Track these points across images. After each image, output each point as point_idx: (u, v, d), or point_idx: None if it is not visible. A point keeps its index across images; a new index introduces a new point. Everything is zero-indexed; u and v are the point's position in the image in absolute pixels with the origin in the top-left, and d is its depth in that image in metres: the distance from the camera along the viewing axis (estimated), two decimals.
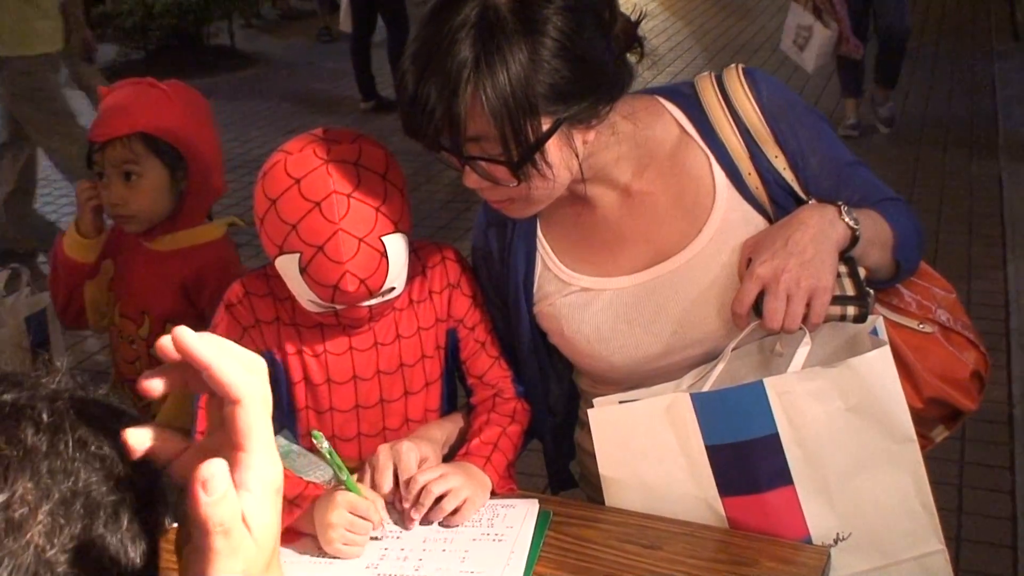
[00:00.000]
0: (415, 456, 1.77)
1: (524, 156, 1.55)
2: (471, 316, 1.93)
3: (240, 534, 0.73)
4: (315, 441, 1.67)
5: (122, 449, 0.76)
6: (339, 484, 1.72)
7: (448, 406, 2.00)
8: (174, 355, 0.76)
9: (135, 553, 0.75)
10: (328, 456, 1.67)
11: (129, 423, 0.78)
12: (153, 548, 0.77)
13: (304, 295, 1.72)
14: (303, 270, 1.66)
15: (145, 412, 2.23)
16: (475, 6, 1.51)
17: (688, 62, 9.51)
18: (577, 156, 1.63)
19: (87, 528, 0.72)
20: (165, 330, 2.33)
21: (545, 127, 1.55)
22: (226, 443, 0.75)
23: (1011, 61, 8.46)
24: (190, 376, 0.77)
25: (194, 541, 0.73)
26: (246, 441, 0.74)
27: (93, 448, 0.75)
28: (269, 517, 0.75)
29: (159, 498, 0.79)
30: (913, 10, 10.39)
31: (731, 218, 1.75)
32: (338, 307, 1.73)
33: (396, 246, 1.70)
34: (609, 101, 1.62)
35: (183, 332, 0.75)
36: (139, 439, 0.76)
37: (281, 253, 1.68)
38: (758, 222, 1.75)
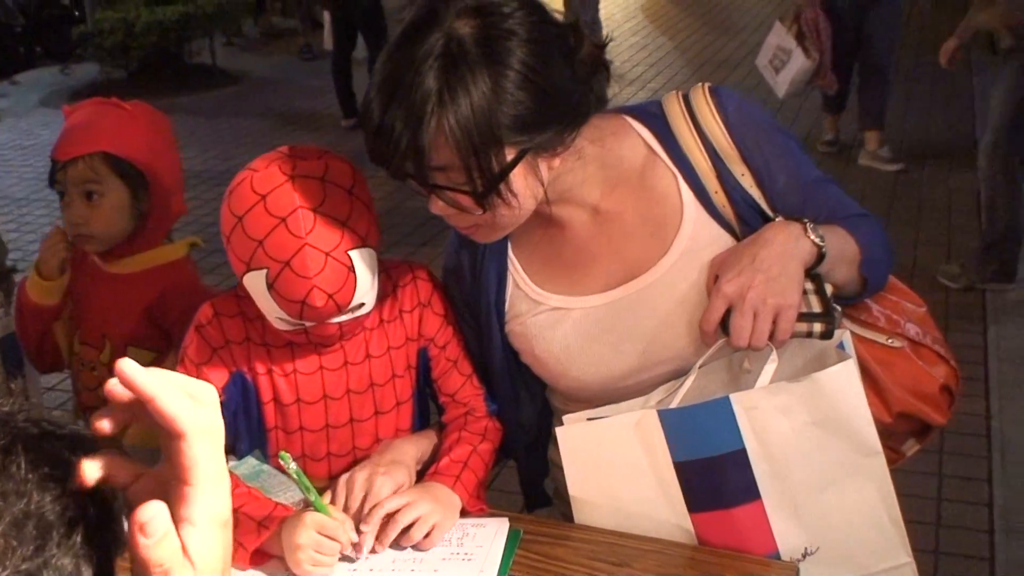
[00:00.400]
0: (388, 490, 1.77)
1: (488, 186, 1.56)
2: (442, 335, 1.93)
3: (181, 571, 0.73)
4: (282, 462, 1.67)
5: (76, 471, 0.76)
6: (308, 505, 1.72)
7: (420, 425, 1.99)
8: (122, 395, 0.75)
9: (88, 574, 0.75)
10: (296, 477, 1.66)
11: (88, 448, 0.78)
12: (107, 570, 0.77)
13: (273, 312, 1.71)
14: (270, 286, 1.66)
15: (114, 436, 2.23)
16: (440, 37, 1.52)
17: (669, 78, 9.54)
18: (542, 183, 1.64)
19: (40, 549, 0.71)
20: (127, 354, 2.33)
21: (509, 157, 1.56)
22: (172, 475, 0.75)
23: (989, 74, 8.48)
24: (139, 410, 0.76)
25: None
26: (190, 475, 0.74)
27: (46, 469, 0.74)
28: (215, 550, 0.75)
29: (114, 519, 0.79)
30: None
31: (699, 236, 1.76)
32: (307, 324, 1.73)
33: (364, 261, 1.70)
34: (574, 128, 1.63)
35: (126, 365, 0.74)
36: (91, 471, 0.76)
37: (248, 270, 1.68)
38: (725, 240, 1.76)
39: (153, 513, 0.72)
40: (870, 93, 6.82)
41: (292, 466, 1.65)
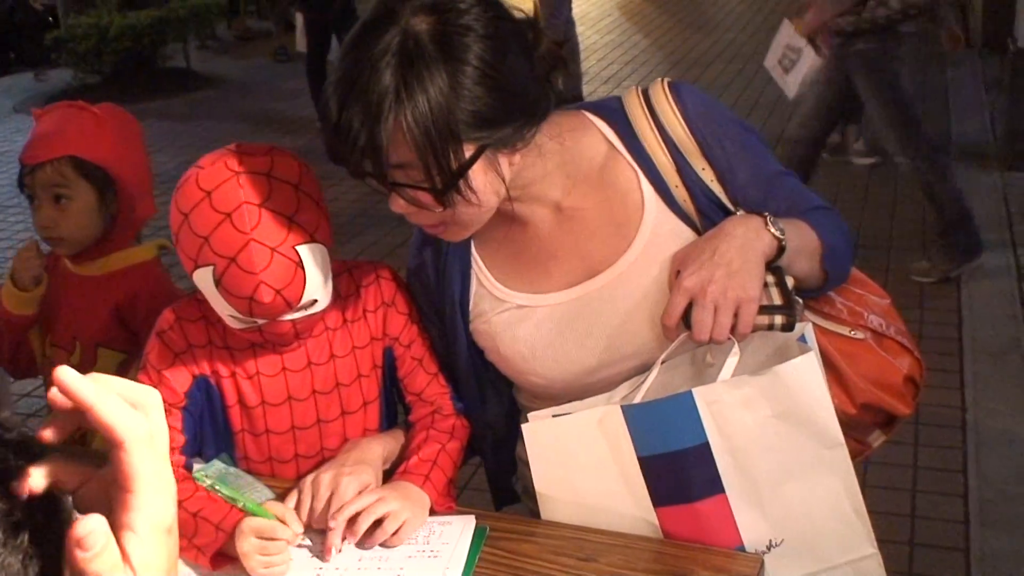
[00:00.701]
0: (354, 490, 1.76)
1: (448, 183, 1.55)
2: (407, 334, 1.93)
3: None
4: (197, 481, 1.67)
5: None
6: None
7: (388, 424, 1.99)
8: (64, 403, 0.75)
9: (35, 572, 0.74)
10: (214, 491, 1.67)
11: (35, 452, 0.78)
12: (56, 568, 0.77)
13: (224, 310, 1.71)
14: (218, 282, 1.65)
15: (83, 439, 2.22)
16: (396, 34, 1.52)
17: (644, 76, 9.55)
18: (504, 180, 1.63)
19: None
20: (97, 355, 2.32)
21: (468, 153, 1.56)
22: (114, 481, 0.75)
23: (963, 68, 8.53)
24: (83, 419, 0.76)
25: None
26: (131, 483, 0.74)
27: None
28: (157, 558, 0.75)
29: (63, 518, 0.79)
30: None
31: (660, 232, 1.76)
32: (259, 322, 1.72)
33: (313, 256, 1.69)
34: (534, 124, 1.63)
35: (64, 373, 0.74)
36: (36, 480, 0.76)
37: (196, 267, 1.67)
38: (687, 235, 1.76)
39: (91, 528, 0.71)
40: None
41: (207, 482, 1.66)
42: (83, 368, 2.16)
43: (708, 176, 1.77)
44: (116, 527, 0.74)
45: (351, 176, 1.60)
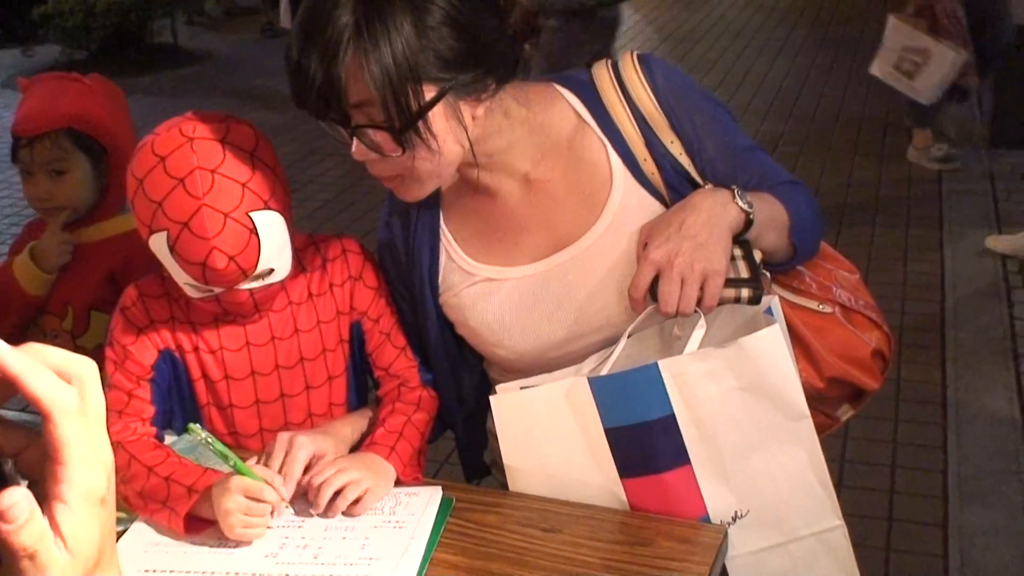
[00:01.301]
0: (305, 453, 1.76)
1: (407, 123, 1.54)
2: (375, 308, 1.93)
3: (48, 554, 0.72)
4: (191, 434, 1.67)
5: None
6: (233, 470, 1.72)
7: (356, 399, 1.99)
8: None
9: None
10: (210, 444, 1.66)
11: None
12: None
13: (180, 277, 1.71)
14: (172, 249, 1.65)
15: None
16: None
17: (635, 49, 9.52)
18: (466, 131, 1.62)
19: None
20: (90, 319, 2.34)
21: (429, 95, 1.55)
22: (46, 453, 0.75)
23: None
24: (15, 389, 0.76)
25: (5, 565, 0.72)
26: (60, 455, 0.73)
27: None
28: (88, 528, 0.75)
29: (4, 481, 0.78)
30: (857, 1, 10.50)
31: (628, 204, 1.76)
32: (216, 290, 1.72)
33: (268, 223, 1.68)
34: (497, 77, 1.62)
35: None
36: None
37: (152, 232, 1.67)
38: (655, 208, 1.76)
39: (15, 500, 0.71)
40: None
41: (202, 435, 1.65)
42: (76, 331, 2.15)
43: (676, 149, 1.77)
44: (47, 498, 0.74)
45: (316, 118, 1.60)
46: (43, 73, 2.48)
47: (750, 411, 1.63)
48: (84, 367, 0.76)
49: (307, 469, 1.76)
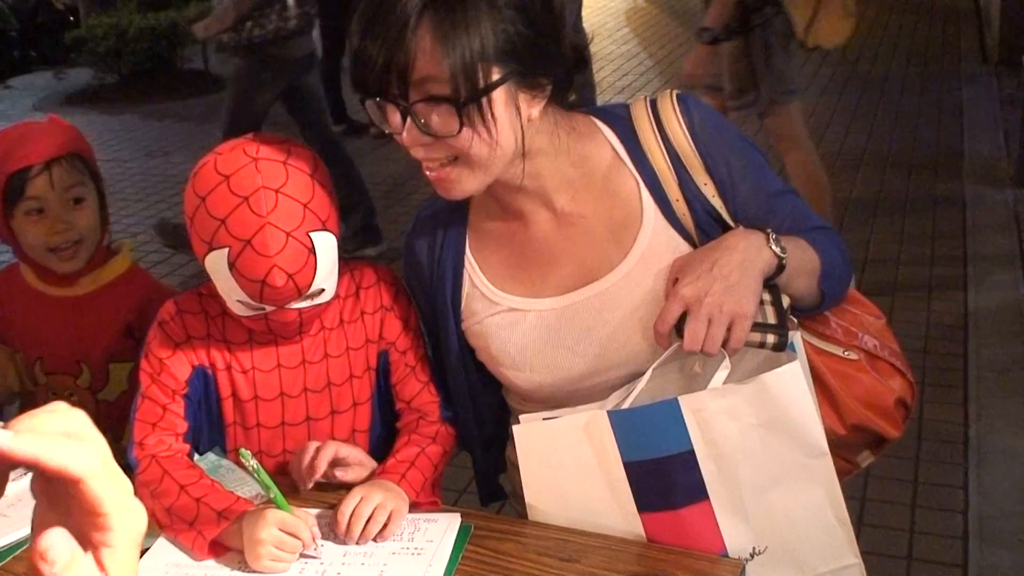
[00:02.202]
0: (330, 451, 1.82)
1: (471, 96, 1.55)
2: (403, 340, 1.95)
3: None
4: (242, 459, 1.68)
5: None
6: (268, 500, 1.73)
7: (380, 427, 2.01)
8: None
9: None
10: (256, 473, 1.68)
11: None
12: None
13: (233, 294, 1.73)
14: (231, 265, 1.68)
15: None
16: None
17: (658, 87, 9.54)
18: (522, 128, 1.63)
19: None
20: (110, 371, 2.33)
21: (495, 77, 1.56)
22: (75, 510, 0.74)
23: (979, 85, 8.52)
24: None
25: None
26: (100, 508, 0.73)
27: None
28: (133, 564, 0.76)
29: None
30: (882, 34, 10.51)
31: (656, 243, 1.76)
32: (267, 308, 1.75)
33: (324, 244, 1.72)
34: (555, 85, 1.64)
35: None
36: None
37: (211, 250, 1.70)
38: (683, 248, 1.76)
39: (52, 542, 0.72)
40: None
41: (252, 463, 1.67)
42: (96, 386, 2.21)
43: (710, 191, 1.77)
44: (92, 545, 0.74)
45: (366, 99, 1.60)
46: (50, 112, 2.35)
47: (770, 448, 1.63)
48: (76, 420, 0.75)
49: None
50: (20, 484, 1.86)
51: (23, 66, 11.87)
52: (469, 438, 2.01)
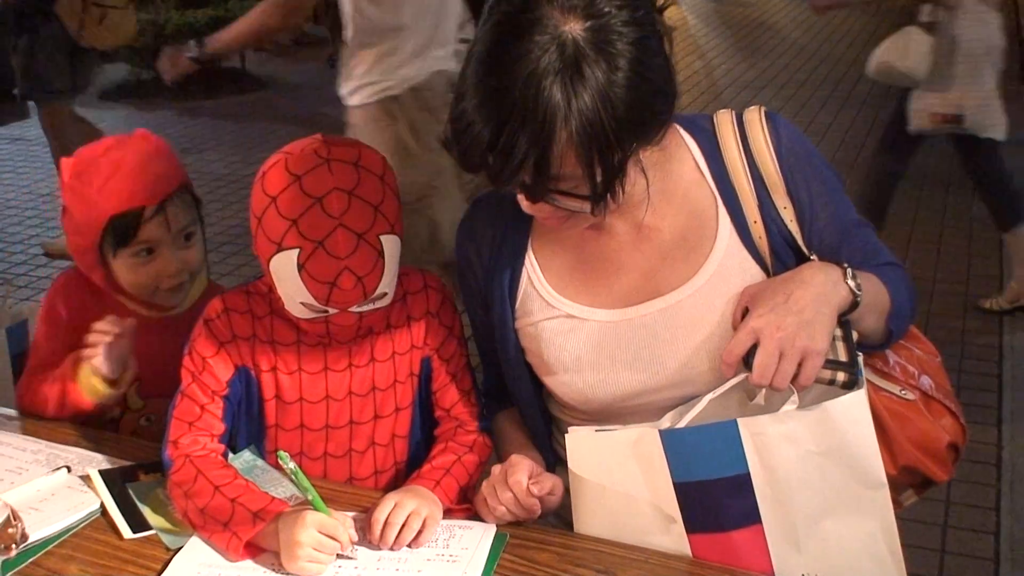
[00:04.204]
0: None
1: (606, 190, 1.53)
2: (446, 348, 1.94)
3: None
4: (281, 461, 1.67)
5: None
6: (302, 502, 1.71)
7: (420, 433, 2.00)
8: None
9: None
10: (294, 476, 1.67)
11: None
12: None
13: (297, 296, 1.72)
14: (301, 266, 1.67)
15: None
16: (548, 45, 1.45)
17: (694, 98, 9.51)
18: (644, 174, 1.62)
19: None
20: None
21: (622, 156, 1.52)
22: None
23: (1018, 104, 8.45)
24: None
25: None
26: None
27: None
28: None
29: None
30: None
31: (728, 264, 1.74)
32: (330, 311, 1.74)
33: (392, 247, 1.72)
34: (668, 122, 1.61)
35: None
36: None
37: (279, 250, 1.69)
38: (754, 272, 1.73)
39: None
40: None
41: (291, 465, 1.66)
42: None
43: (788, 215, 1.74)
44: None
45: (495, 186, 1.56)
46: (88, 145, 2.09)
47: (827, 476, 1.59)
48: None
49: None
50: (53, 479, 1.89)
51: None
52: (535, 426, 1.96)
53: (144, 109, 9.74)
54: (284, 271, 1.70)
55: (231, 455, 1.91)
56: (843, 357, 1.60)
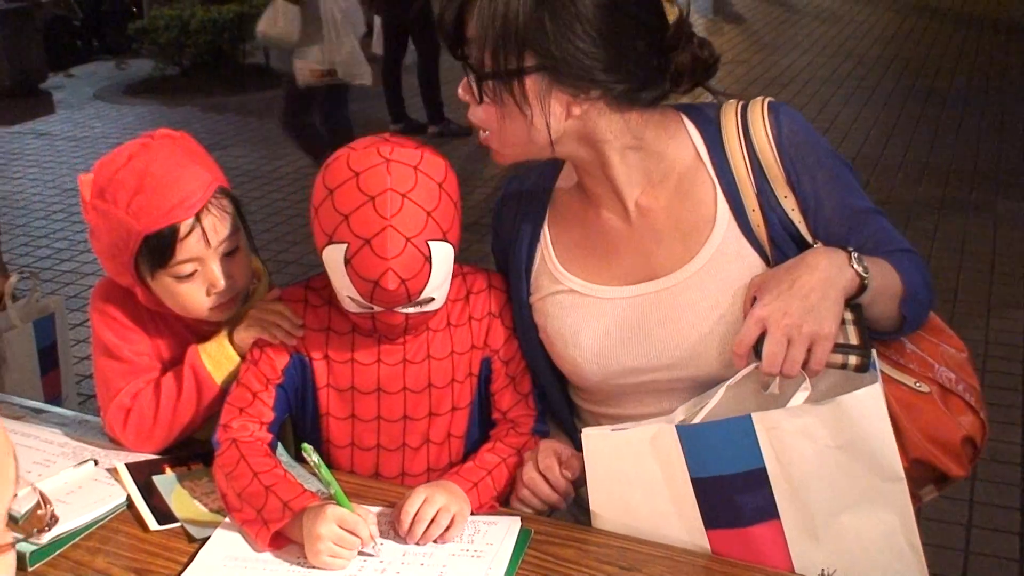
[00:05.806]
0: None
1: (491, 75, 1.64)
2: (507, 349, 1.94)
3: None
4: (305, 454, 1.68)
5: None
6: (332, 496, 1.72)
7: (478, 433, 1.99)
8: None
9: None
10: (317, 469, 1.67)
11: None
12: None
13: (344, 290, 1.74)
14: (347, 261, 1.68)
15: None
16: None
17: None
18: (554, 118, 1.67)
19: None
20: None
21: (529, 63, 1.61)
22: None
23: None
24: None
25: None
26: None
27: None
28: None
29: None
30: (945, 48, 10.42)
31: (726, 251, 1.75)
32: (376, 309, 1.75)
33: (441, 254, 1.72)
34: (605, 90, 1.66)
35: None
36: None
37: (330, 242, 1.71)
38: (752, 259, 1.74)
39: None
40: None
41: (314, 458, 1.66)
42: None
43: (789, 204, 1.74)
44: None
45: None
46: (106, 156, 1.87)
47: (844, 470, 1.59)
48: None
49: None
50: (81, 471, 1.90)
51: (86, 55, 12.01)
52: (559, 412, 1.99)
53: (168, 104, 9.79)
54: (333, 263, 1.72)
55: (280, 448, 1.90)
56: (854, 340, 1.60)
